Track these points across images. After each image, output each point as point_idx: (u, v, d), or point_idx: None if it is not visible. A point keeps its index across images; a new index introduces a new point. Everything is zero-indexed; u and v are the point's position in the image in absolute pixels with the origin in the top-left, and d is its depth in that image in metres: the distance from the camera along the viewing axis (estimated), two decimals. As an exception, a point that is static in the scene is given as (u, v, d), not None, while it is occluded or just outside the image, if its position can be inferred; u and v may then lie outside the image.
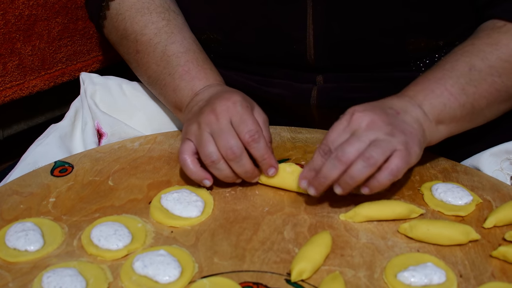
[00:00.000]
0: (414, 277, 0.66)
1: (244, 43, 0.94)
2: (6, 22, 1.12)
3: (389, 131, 0.73)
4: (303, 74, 0.93)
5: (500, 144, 0.88)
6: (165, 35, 0.91)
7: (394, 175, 0.73)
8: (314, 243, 0.70)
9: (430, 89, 0.80)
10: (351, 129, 0.75)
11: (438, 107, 0.79)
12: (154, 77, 0.92)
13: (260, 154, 0.78)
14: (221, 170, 0.78)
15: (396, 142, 0.73)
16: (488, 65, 0.80)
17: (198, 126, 0.79)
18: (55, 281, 0.65)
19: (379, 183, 0.73)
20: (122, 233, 0.72)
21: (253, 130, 0.77)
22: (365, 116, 0.75)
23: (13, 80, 1.17)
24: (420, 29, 0.88)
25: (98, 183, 0.83)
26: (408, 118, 0.77)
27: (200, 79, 0.88)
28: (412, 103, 0.79)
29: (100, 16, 0.97)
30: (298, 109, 0.95)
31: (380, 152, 0.72)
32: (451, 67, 0.81)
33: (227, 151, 0.77)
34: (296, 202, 0.79)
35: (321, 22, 0.87)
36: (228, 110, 0.79)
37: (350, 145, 0.72)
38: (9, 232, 0.73)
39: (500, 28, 0.83)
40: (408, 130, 0.75)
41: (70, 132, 0.97)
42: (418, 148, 0.75)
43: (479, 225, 0.76)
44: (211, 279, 0.67)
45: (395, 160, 0.72)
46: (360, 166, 0.71)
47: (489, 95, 0.81)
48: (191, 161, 0.79)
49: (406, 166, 0.74)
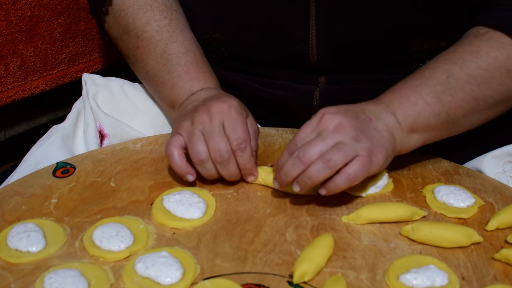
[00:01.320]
0: (417, 279, 0.66)
1: (246, 43, 0.95)
2: (8, 23, 1.12)
3: (355, 136, 0.73)
4: (306, 75, 0.94)
5: (503, 147, 0.88)
6: (167, 33, 0.92)
7: (350, 180, 0.73)
8: (316, 245, 0.70)
9: (406, 97, 0.79)
10: (319, 129, 0.75)
11: (412, 115, 0.78)
12: (152, 74, 0.92)
13: (243, 163, 0.80)
14: (207, 170, 0.80)
15: (360, 148, 0.73)
16: (467, 74, 0.79)
17: (191, 123, 0.80)
18: (57, 282, 0.65)
19: (335, 186, 0.74)
20: (124, 235, 0.72)
21: (241, 139, 0.79)
22: (334, 118, 0.75)
23: (15, 81, 1.17)
24: (423, 30, 0.88)
25: (100, 184, 0.83)
26: (380, 125, 0.77)
27: (199, 81, 0.89)
28: (386, 110, 0.79)
29: (102, 11, 0.97)
30: (300, 111, 0.95)
31: (340, 156, 0.72)
32: (429, 74, 0.80)
33: (216, 154, 0.78)
34: (298, 204, 0.79)
35: (323, 22, 0.87)
36: (223, 113, 0.80)
37: (313, 146, 0.73)
38: (11, 233, 0.73)
39: (482, 35, 0.81)
40: (376, 138, 0.75)
41: (72, 133, 0.97)
42: (382, 157, 0.75)
43: (481, 228, 0.76)
44: (213, 281, 0.67)
45: (354, 165, 0.73)
46: (319, 167, 0.72)
47: (466, 104, 0.80)
48: (178, 154, 0.80)
49: (365, 173, 0.74)
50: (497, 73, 0.79)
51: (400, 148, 0.79)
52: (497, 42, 0.80)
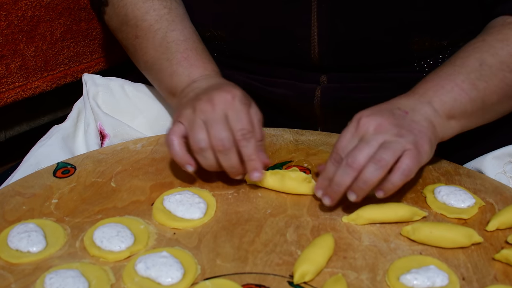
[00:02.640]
0: (417, 279, 0.66)
1: (248, 41, 0.95)
2: (9, 23, 1.12)
3: (397, 132, 0.73)
4: (307, 73, 0.94)
5: (503, 147, 0.88)
6: (166, 22, 0.92)
7: (406, 175, 0.73)
8: (317, 245, 0.70)
9: (441, 85, 0.80)
10: (359, 134, 0.75)
11: (448, 102, 0.79)
12: (151, 62, 0.92)
13: (248, 154, 0.78)
14: (207, 159, 0.78)
15: (406, 142, 0.73)
16: (499, 61, 0.81)
17: (193, 111, 0.79)
18: (58, 282, 0.65)
19: (392, 184, 0.73)
20: (125, 235, 0.72)
21: (246, 129, 0.78)
22: (372, 120, 0.75)
23: (16, 81, 1.17)
24: (424, 28, 0.88)
25: (101, 184, 0.83)
26: (417, 116, 0.77)
27: (198, 67, 0.89)
28: (421, 100, 0.79)
29: (102, 3, 0.97)
30: (302, 109, 0.95)
31: (390, 154, 0.72)
32: (462, 63, 0.81)
33: (217, 142, 0.77)
34: (298, 204, 0.79)
35: (325, 20, 0.87)
36: (226, 102, 0.79)
37: (359, 151, 0.73)
38: (12, 233, 0.73)
39: (510, 24, 0.83)
40: (417, 129, 0.75)
41: (73, 133, 0.97)
42: (428, 146, 0.75)
43: (481, 228, 0.76)
44: (214, 281, 0.67)
45: (406, 160, 0.72)
46: (372, 169, 0.72)
47: (500, 90, 0.81)
48: (178, 143, 0.79)
49: (418, 165, 0.74)
50: None
51: (442, 135, 0.79)
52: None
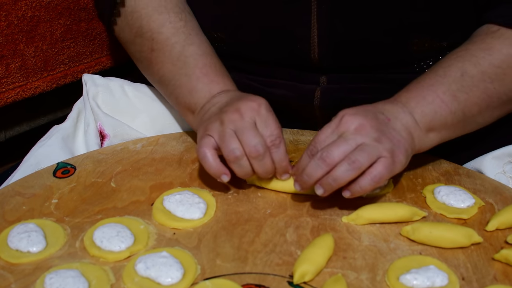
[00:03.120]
0: (417, 279, 0.66)
1: (248, 42, 0.94)
2: (9, 24, 1.12)
3: (376, 137, 0.73)
4: (307, 74, 0.94)
5: (503, 147, 0.88)
6: (183, 35, 0.91)
7: (376, 182, 0.73)
8: (317, 246, 0.70)
9: (422, 95, 0.80)
10: (340, 131, 0.75)
11: (429, 114, 0.79)
12: (168, 77, 0.91)
13: (279, 159, 0.78)
14: (243, 167, 0.78)
15: (383, 149, 0.73)
16: (481, 71, 0.80)
17: (221, 123, 0.79)
18: (58, 282, 0.65)
19: (360, 188, 0.73)
20: (125, 235, 0.72)
21: (275, 135, 0.78)
22: (354, 119, 0.75)
23: (16, 81, 1.17)
24: (424, 29, 0.88)
25: (101, 184, 0.83)
26: (398, 125, 0.77)
27: (218, 83, 0.88)
28: (404, 109, 0.79)
29: (113, 14, 0.95)
30: (301, 110, 0.95)
31: (365, 157, 0.72)
32: (444, 73, 0.81)
33: (251, 149, 0.76)
34: (298, 204, 0.79)
35: (325, 21, 0.87)
36: (253, 110, 0.79)
37: (336, 147, 0.73)
38: (12, 233, 0.73)
39: (494, 33, 0.82)
40: (396, 138, 0.75)
41: (73, 133, 0.97)
42: (404, 157, 0.75)
43: (481, 228, 0.76)
44: (214, 281, 0.67)
45: (379, 167, 0.72)
46: (344, 169, 0.72)
47: (481, 102, 0.80)
48: (211, 155, 0.78)
49: (389, 174, 0.74)
50: (510, 70, 0.80)
51: (419, 147, 0.79)
52: (509, 39, 0.81)
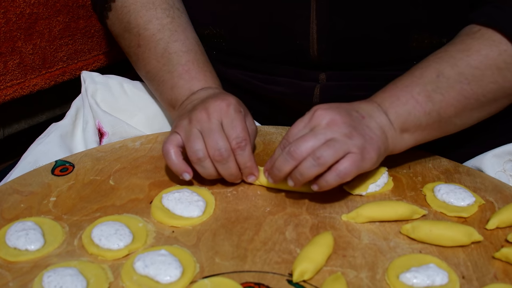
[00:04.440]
0: (417, 278, 0.66)
1: (247, 38, 0.94)
2: (7, 21, 1.11)
3: (347, 133, 0.73)
4: (306, 72, 0.93)
5: (503, 146, 0.88)
6: (168, 32, 0.91)
7: (341, 177, 0.73)
8: (316, 244, 0.70)
9: (397, 96, 0.79)
10: (311, 125, 0.75)
11: (403, 115, 0.78)
12: (153, 73, 0.92)
13: (244, 162, 0.79)
14: (205, 168, 0.79)
15: (352, 145, 0.73)
16: (458, 72, 0.79)
17: (189, 121, 0.80)
18: (56, 280, 0.65)
19: (326, 183, 0.74)
20: (123, 233, 0.72)
21: (241, 137, 0.78)
22: (327, 114, 0.75)
23: (14, 78, 1.16)
24: (423, 25, 0.87)
25: (99, 182, 0.83)
26: (372, 123, 0.77)
27: (199, 80, 0.88)
28: (378, 109, 0.79)
29: (105, 8, 0.96)
30: (301, 107, 0.95)
31: (331, 153, 0.72)
32: (420, 74, 0.80)
33: (215, 152, 0.77)
34: (298, 202, 0.79)
35: (324, 17, 0.87)
36: (221, 111, 0.79)
37: (304, 141, 0.73)
38: (10, 231, 0.72)
39: (474, 33, 0.81)
40: (369, 135, 0.75)
41: (71, 131, 0.97)
42: (375, 154, 0.75)
43: (481, 227, 0.75)
44: (213, 279, 0.67)
45: (345, 163, 0.72)
46: (309, 164, 0.72)
47: (458, 103, 0.79)
48: (174, 152, 0.79)
49: (356, 170, 0.73)
50: (488, 71, 0.79)
51: (392, 147, 0.79)
52: (488, 40, 0.80)
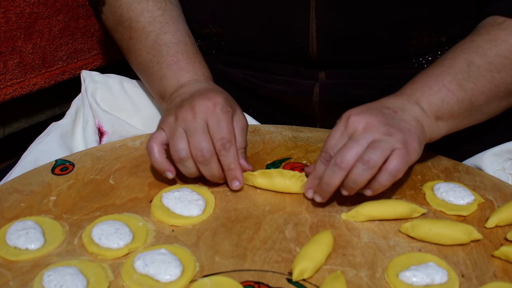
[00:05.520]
0: (416, 276, 0.66)
1: (247, 37, 0.94)
2: (7, 20, 1.11)
3: (386, 131, 0.73)
4: (306, 70, 0.93)
5: (502, 144, 0.88)
6: (159, 24, 0.92)
7: (394, 176, 0.73)
8: (316, 243, 0.70)
9: (428, 86, 0.80)
10: (349, 133, 0.75)
11: (436, 103, 0.79)
12: (144, 65, 0.92)
13: (227, 164, 0.78)
14: (187, 168, 0.79)
15: (395, 141, 0.73)
16: (487, 61, 0.80)
17: (175, 119, 0.79)
18: (56, 279, 0.65)
19: (380, 184, 0.73)
20: (123, 232, 0.72)
21: (226, 139, 0.78)
22: (361, 118, 0.75)
23: (14, 78, 1.17)
24: (423, 24, 0.88)
25: (99, 181, 0.83)
26: (406, 116, 0.77)
27: (188, 71, 0.88)
28: (409, 100, 0.79)
29: (99, 2, 0.97)
30: (300, 106, 0.95)
31: (378, 154, 0.72)
32: (450, 64, 0.81)
33: (197, 153, 0.77)
34: (297, 201, 0.79)
35: (324, 15, 0.87)
36: (207, 111, 0.79)
37: (348, 150, 0.72)
38: (10, 231, 0.72)
39: (500, 24, 0.82)
40: (406, 127, 0.75)
41: (71, 130, 0.97)
42: (417, 144, 0.75)
43: (481, 225, 0.75)
44: (212, 278, 0.67)
45: (394, 160, 0.72)
46: (360, 170, 0.72)
47: (488, 91, 0.81)
48: (158, 150, 0.79)
49: (406, 165, 0.73)
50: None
51: (430, 135, 0.79)
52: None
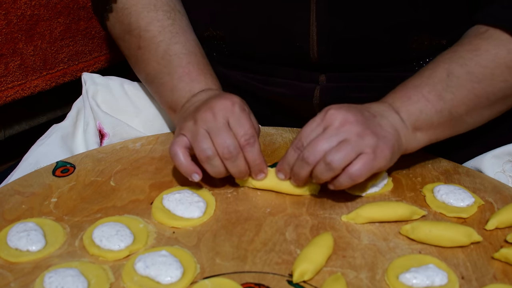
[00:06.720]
0: (416, 278, 0.66)
1: (247, 40, 0.94)
2: (8, 22, 1.12)
3: (360, 132, 0.73)
4: (306, 73, 0.93)
5: (502, 146, 0.88)
6: (169, 34, 0.91)
7: (353, 180, 0.74)
8: (316, 244, 0.70)
9: (407, 96, 0.80)
10: (324, 125, 0.76)
11: (414, 113, 0.79)
12: (153, 75, 0.92)
13: (253, 159, 0.79)
14: (215, 167, 0.78)
15: (365, 145, 0.73)
16: (467, 71, 0.80)
17: (194, 122, 0.79)
18: (57, 281, 0.65)
19: (340, 184, 0.74)
20: (124, 234, 0.72)
21: (249, 134, 0.78)
22: (339, 113, 0.75)
23: (15, 80, 1.17)
24: (423, 27, 0.88)
25: (100, 183, 0.83)
26: (384, 121, 0.77)
27: (199, 82, 0.88)
28: (390, 108, 0.79)
29: (106, 9, 0.96)
30: (301, 109, 0.95)
31: (341, 157, 0.72)
32: (430, 74, 0.81)
33: (224, 150, 0.77)
34: (298, 203, 0.79)
35: (324, 18, 0.87)
36: (226, 110, 0.79)
37: (317, 145, 0.74)
38: (11, 232, 0.73)
39: (482, 34, 0.82)
40: (381, 134, 0.75)
41: (72, 132, 0.97)
42: (389, 152, 0.75)
43: (481, 227, 0.76)
44: (213, 280, 0.67)
45: (357, 165, 0.73)
46: (323, 169, 0.73)
47: (469, 101, 0.80)
48: (182, 153, 0.78)
49: (369, 171, 0.74)
50: (497, 70, 0.80)
51: (406, 146, 0.79)
52: (497, 40, 0.81)
